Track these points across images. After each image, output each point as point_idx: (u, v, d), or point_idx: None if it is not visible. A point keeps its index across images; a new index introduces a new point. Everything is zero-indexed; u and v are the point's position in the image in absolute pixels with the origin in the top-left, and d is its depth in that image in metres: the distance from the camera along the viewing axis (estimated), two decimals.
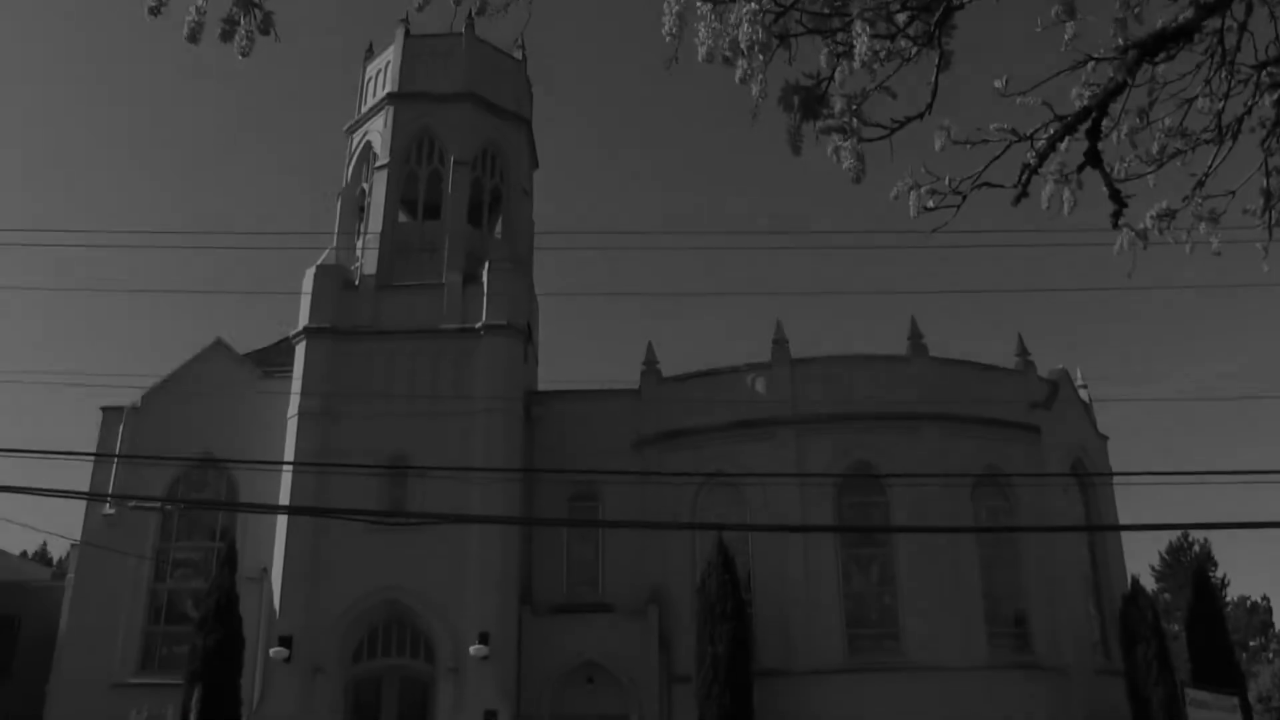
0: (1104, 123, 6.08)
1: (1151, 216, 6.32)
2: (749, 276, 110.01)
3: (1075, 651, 29.50)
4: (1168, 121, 6.34)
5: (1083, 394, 35.14)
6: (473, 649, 28.11)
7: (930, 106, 5.87)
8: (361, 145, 35.90)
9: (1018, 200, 6.22)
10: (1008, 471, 30.76)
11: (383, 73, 36.11)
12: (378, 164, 34.87)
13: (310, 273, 32.84)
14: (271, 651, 28.59)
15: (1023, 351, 32.97)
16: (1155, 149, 6.39)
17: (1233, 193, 6.53)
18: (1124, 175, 6.33)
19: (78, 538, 32.75)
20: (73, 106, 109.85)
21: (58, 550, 66.35)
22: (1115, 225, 6.21)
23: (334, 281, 32.54)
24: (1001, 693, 28.36)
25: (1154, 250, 6.55)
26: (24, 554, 58.95)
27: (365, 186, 35.42)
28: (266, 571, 30.54)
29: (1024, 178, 6.15)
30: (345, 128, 36.84)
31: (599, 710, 29.39)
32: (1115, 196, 6.11)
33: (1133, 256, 6.34)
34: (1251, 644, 66.89)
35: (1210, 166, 6.40)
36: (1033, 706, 28.52)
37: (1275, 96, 6.16)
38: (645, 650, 29.37)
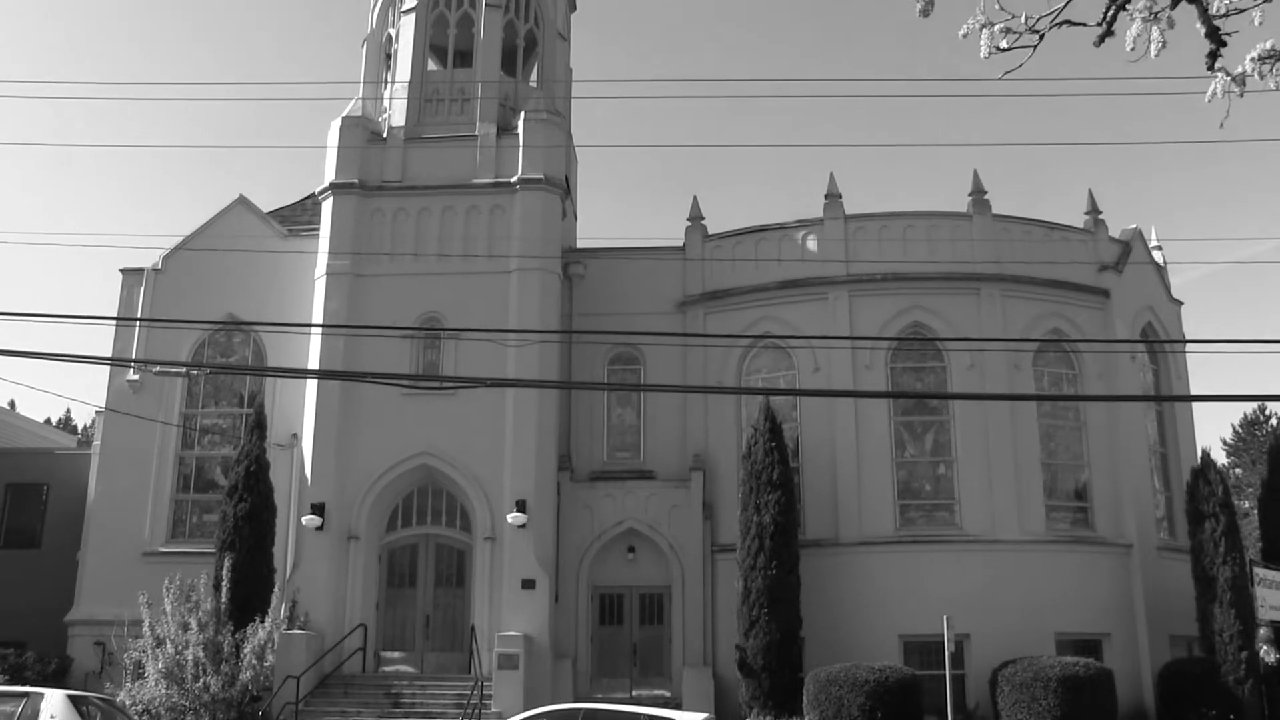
0: None
1: (1252, 59, 6.03)
2: (801, 128, 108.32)
3: (1138, 527, 29.63)
4: None
5: (1157, 256, 34.64)
6: (510, 517, 28.75)
7: None
8: None
9: (1101, 40, 6.05)
10: (1073, 337, 30.60)
11: None
12: (404, 7, 34.37)
13: (335, 125, 32.70)
14: (304, 519, 29.37)
15: (1093, 209, 32.41)
16: None
17: None
18: (1223, 11, 6.06)
19: (102, 404, 33.46)
20: None
21: (81, 417, 67.88)
22: (1211, 68, 5.99)
23: (361, 134, 32.42)
24: (1059, 569, 28.70)
25: (1250, 98, 6.33)
26: (48, 421, 60.38)
27: (392, 32, 34.97)
28: (297, 438, 31.19)
29: (1109, 14, 5.96)
30: None
31: (640, 580, 30.10)
32: (1213, 35, 5.89)
33: (1226, 104, 6.13)
34: None
35: None
36: (1092, 584, 28.86)
37: None
38: (688, 519, 29.91)
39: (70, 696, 20.03)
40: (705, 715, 20.88)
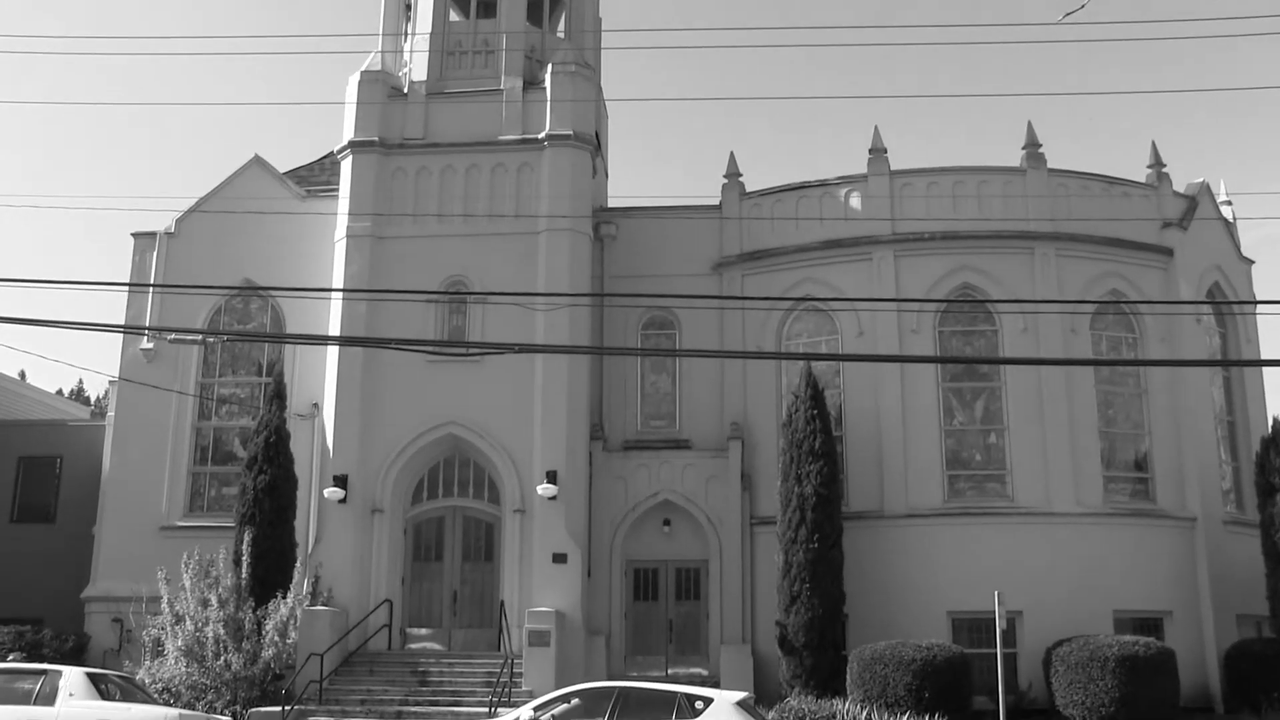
0: None
1: None
2: (845, 79, 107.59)
3: (1203, 500, 29.51)
4: None
5: (1226, 211, 34.33)
6: (540, 488, 29.04)
7: None
8: None
9: None
10: (1134, 299, 30.45)
11: None
12: None
13: (353, 80, 32.87)
14: (326, 492, 29.76)
15: (1157, 162, 32.17)
16: None
17: None
18: None
19: (115, 374, 33.94)
20: None
21: (94, 388, 68.73)
22: None
23: (380, 89, 32.58)
24: (1118, 543, 28.65)
25: None
26: (59, 392, 61.16)
27: None
28: (318, 407, 31.60)
29: None
30: None
31: (675, 554, 30.37)
32: None
33: None
34: None
35: None
36: (1152, 559, 28.80)
37: None
38: (726, 490, 30.11)
39: (89, 674, 20.43)
40: (744, 694, 21.03)
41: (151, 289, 33.30)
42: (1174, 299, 30.42)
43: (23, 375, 55.74)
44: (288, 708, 24.90)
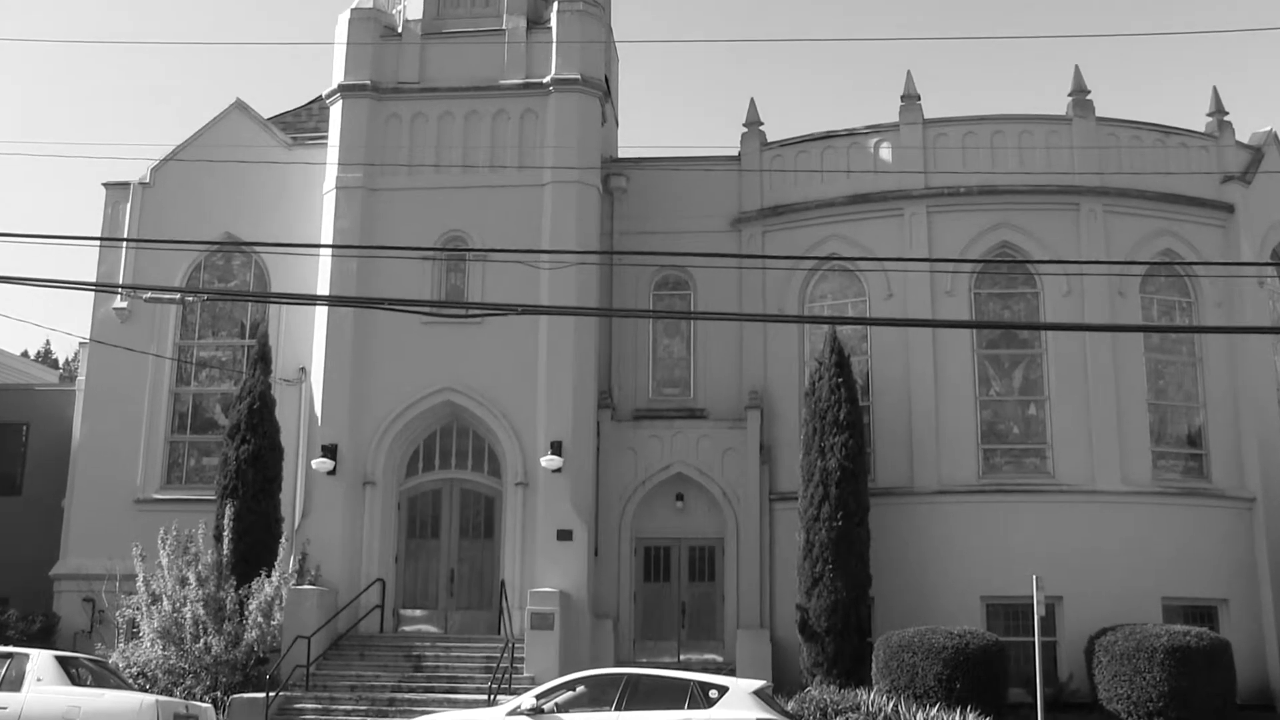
0: None
1: None
2: (875, 20, 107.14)
3: (1264, 479, 29.50)
4: None
5: None
6: (543, 460, 29.14)
7: None
8: None
9: None
10: (1189, 259, 30.41)
11: None
12: None
13: (343, 18, 32.83)
14: (314, 463, 29.88)
15: (1218, 110, 32.01)
16: None
17: None
18: None
19: (86, 335, 34.05)
20: None
21: (63, 350, 69.10)
22: None
23: (373, 29, 32.54)
24: (1168, 524, 28.68)
25: None
26: (25, 354, 61.47)
27: None
28: (305, 372, 31.73)
29: None
30: None
31: (689, 531, 30.50)
32: None
33: None
34: None
35: None
36: (1206, 542, 28.82)
37: None
38: (744, 463, 30.19)
39: (58, 658, 20.50)
40: (761, 683, 21.11)
41: (125, 244, 33.36)
42: (1234, 259, 30.35)
43: None
44: (272, 694, 25.01)
